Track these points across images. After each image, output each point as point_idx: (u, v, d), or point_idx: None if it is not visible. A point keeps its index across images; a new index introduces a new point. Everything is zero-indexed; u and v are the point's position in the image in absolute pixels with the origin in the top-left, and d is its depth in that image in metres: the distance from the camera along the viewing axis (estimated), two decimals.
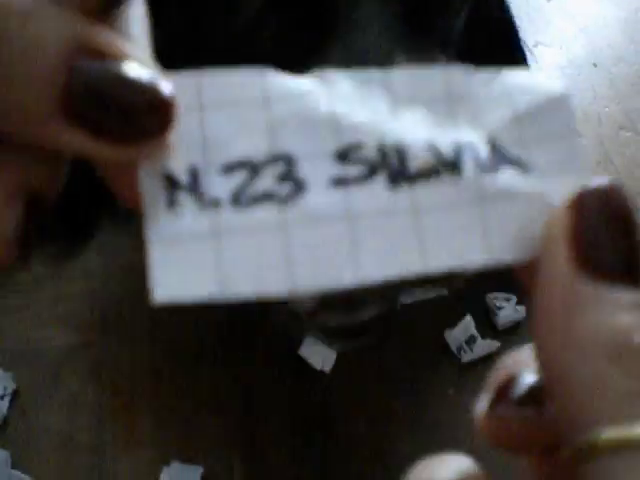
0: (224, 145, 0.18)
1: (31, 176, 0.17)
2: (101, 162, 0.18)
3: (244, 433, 0.57)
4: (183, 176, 0.18)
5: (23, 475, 0.56)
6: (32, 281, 0.65)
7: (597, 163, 0.73)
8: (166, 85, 0.17)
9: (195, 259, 0.17)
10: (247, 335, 0.61)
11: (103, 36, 0.16)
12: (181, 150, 0.18)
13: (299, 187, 0.18)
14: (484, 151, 0.18)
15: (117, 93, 0.16)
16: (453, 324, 0.61)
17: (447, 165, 0.18)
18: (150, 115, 0.17)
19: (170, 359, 0.61)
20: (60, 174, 0.18)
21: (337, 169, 0.18)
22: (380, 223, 0.18)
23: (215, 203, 0.18)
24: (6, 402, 0.60)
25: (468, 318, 0.61)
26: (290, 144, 0.18)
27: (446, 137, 0.18)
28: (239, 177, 0.18)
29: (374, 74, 0.19)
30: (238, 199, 0.18)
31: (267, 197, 0.18)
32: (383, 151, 0.18)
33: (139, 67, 0.17)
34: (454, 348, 0.61)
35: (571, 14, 0.86)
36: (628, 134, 0.76)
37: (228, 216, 0.18)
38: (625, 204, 0.18)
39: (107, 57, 0.16)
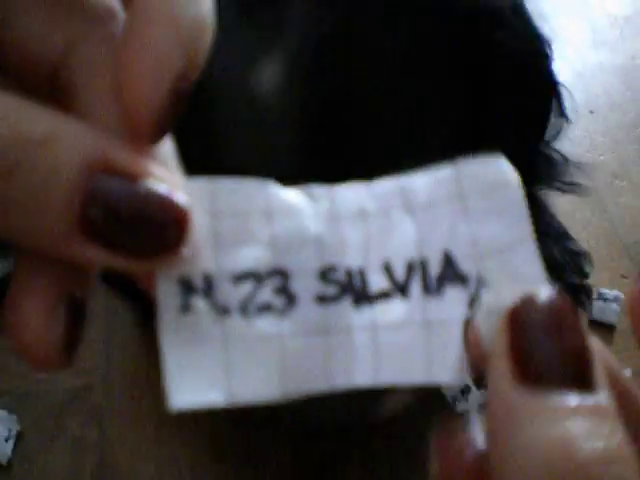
0: (234, 254, 0.19)
1: (69, 283, 0.18)
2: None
3: None
4: (199, 282, 0.19)
5: None
6: None
7: (592, 212, 0.75)
8: (183, 200, 0.17)
9: (206, 367, 0.18)
10: None
11: (120, 153, 0.17)
12: (197, 256, 0.19)
13: (291, 301, 0.19)
14: (436, 267, 0.20)
15: (134, 212, 0.17)
16: None
17: (398, 288, 0.20)
18: (167, 231, 0.17)
19: None
20: (92, 276, 0.19)
21: (320, 287, 0.20)
22: (346, 338, 0.20)
23: (226, 310, 0.19)
24: (10, 444, 0.61)
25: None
26: (285, 260, 0.20)
27: (400, 256, 0.20)
28: (247, 287, 0.19)
29: (351, 191, 0.21)
30: (246, 308, 0.19)
31: (267, 308, 0.19)
32: (350, 274, 0.20)
33: (157, 185, 0.17)
34: (449, 397, 0.62)
35: (569, 60, 0.88)
36: (622, 183, 0.77)
37: (237, 325, 0.19)
38: (563, 313, 0.17)
39: (124, 174, 0.17)
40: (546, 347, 0.17)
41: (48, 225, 0.16)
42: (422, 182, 0.20)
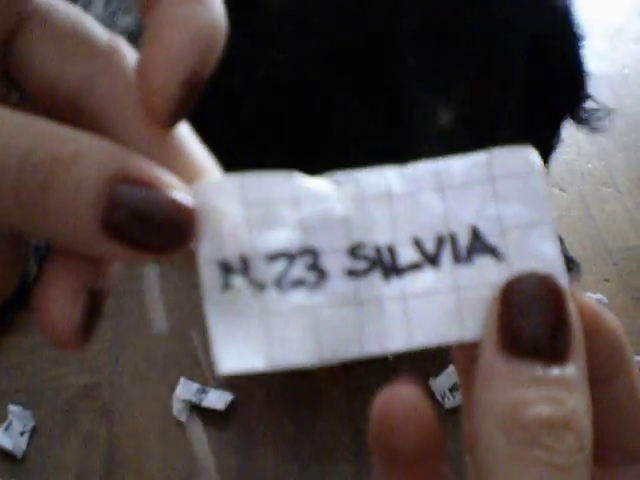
0: (266, 237, 0.22)
1: (89, 277, 0.21)
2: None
3: (249, 476, 0.62)
4: (236, 262, 0.21)
5: None
6: None
7: (579, 219, 0.78)
8: (189, 202, 0.20)
9: (248, 336, 0.21)
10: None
11: (137, 165, 0.20)
12: (233, 239, 0.21)
13: (322, 276, 0.22)
14: (465, 240, 0.22)
15: (147, 214, 0.20)
16: (437, 373, 0.65)
17: (428, 259, 0.22)
18: (176, 229, 0.20)
19: None
20: (110, 273, 0.22)
21: (350, 262, 0.22)
22: (377, 308, 0.22)
23: (262, 286, 0.21)
24: (25, 438, 0.65)
25: (452, 367, 0.65)
26: (315, 241, 0.22)
27: (429, 231, 0.23)
28: (280, 265, 0.22)
29: (376, 175, 0.23)
30: (280, 284, 0.22)
31: (300, 283, 0.22)
32: (378, 250, 0.22)
33: (168, 191, 0.20)
34: (438, 395, 0.65)
35: None
36: (609, 190, 0.80)
37: (273, 299, 0.21)
38: (546, 291, 0.20)
39: (140, 183, 0.20)
40: (525, 321, 0.19)
41: (79, 229, 0.19)
42: (459, 165, 0.23)
